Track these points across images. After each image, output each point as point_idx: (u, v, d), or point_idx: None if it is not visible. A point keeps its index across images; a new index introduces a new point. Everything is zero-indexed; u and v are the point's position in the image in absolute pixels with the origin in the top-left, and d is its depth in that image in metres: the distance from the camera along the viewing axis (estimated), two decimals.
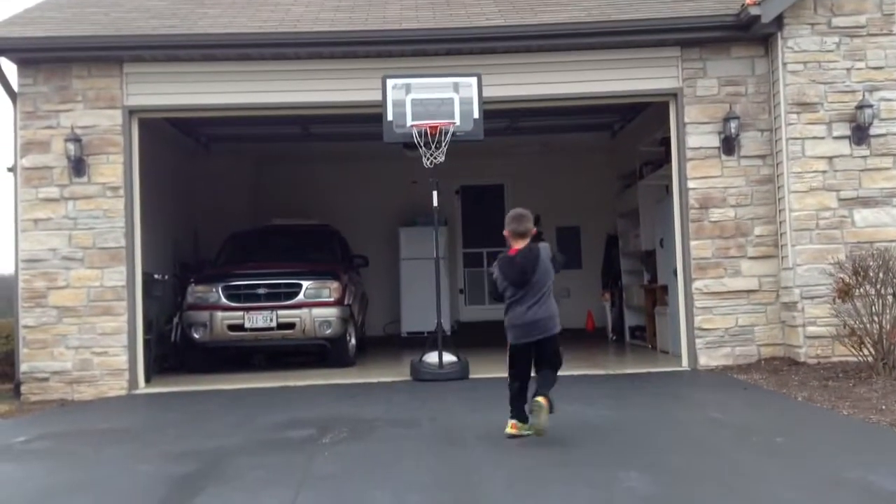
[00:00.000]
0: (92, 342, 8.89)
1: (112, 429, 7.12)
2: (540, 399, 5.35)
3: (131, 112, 9.17)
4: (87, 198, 9.00)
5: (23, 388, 8.82)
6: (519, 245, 5.67)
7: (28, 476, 5.42)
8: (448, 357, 8.83)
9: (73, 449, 6.19)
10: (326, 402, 7.81)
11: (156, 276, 10.15)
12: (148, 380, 9.30)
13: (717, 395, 7.52)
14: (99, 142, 9.05)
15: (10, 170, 9.35)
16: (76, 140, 8.92)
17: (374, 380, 9.07)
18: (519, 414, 5.66)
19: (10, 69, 9.15)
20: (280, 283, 10.24)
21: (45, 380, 8.83)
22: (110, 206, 9.01)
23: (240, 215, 13.19)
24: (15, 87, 9.09)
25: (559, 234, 14.61)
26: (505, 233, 5.76)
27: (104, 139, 9.06)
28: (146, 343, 9.36)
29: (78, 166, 8.97)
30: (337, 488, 4.70)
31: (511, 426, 5.65)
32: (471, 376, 8.77)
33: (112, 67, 9.12)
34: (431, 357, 8.85)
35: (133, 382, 8.98)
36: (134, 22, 9.65)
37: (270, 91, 9.26)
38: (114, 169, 9.05)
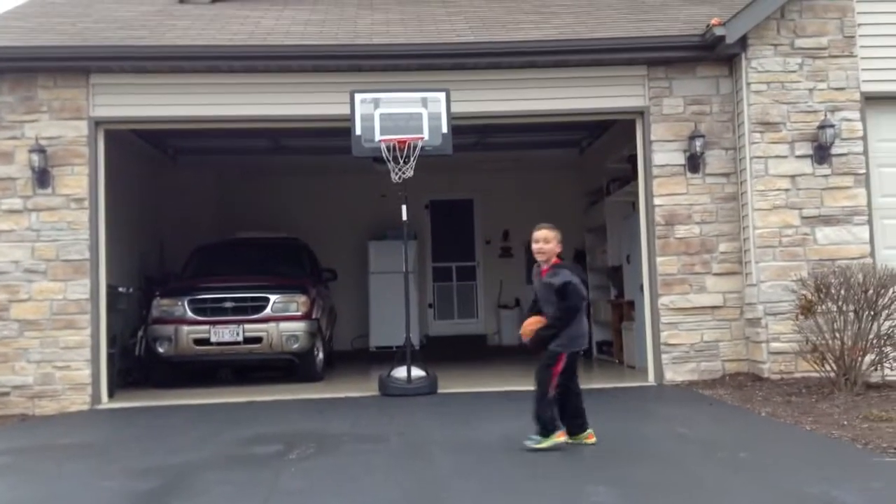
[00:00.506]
0: (54, 356, 8.74)
1: (74, 444, 7.00)
2: (592, 435, 5.86)
3: (97, 123, 9.07)
4: (50, 209, 8.88)
5: None
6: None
7: None
8: (416, 372, 8.81)
9: (35, 464, 6.09)
10: (293, 417, 7.76)
11: (120, 289, 10.03)
12: (111, 394, 9.15)
13: (683, 410, 7.59)
14: (64, 153, 8.93)
15: None
16: (41, 151, 8.80)
17: (342, 395, 9.01)
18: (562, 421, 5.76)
19: None
20: (247, 297, 10.15)
21: (6, 394, 8.66)
22: (74, 218, 8.90)
23: (207, 228, 13.07)
24: None
25: (528, 249, 14.65)
26: (557, 247, 6.11)
27: (69, 150, 8.94)
28: (110, 357, 9.21)
29: (42, 178, 8.84)
30: None
31: (561, 434, 5.70)
32: (440, 391, 8.75)
33: (78, 78, 9.02)
34: (400, 372, 8.83)
35: (96, 397, 8.85)
36: (102, 32, 9.57)
37: (239, 104, 9.21)
38: (79, 180, 8.94)
